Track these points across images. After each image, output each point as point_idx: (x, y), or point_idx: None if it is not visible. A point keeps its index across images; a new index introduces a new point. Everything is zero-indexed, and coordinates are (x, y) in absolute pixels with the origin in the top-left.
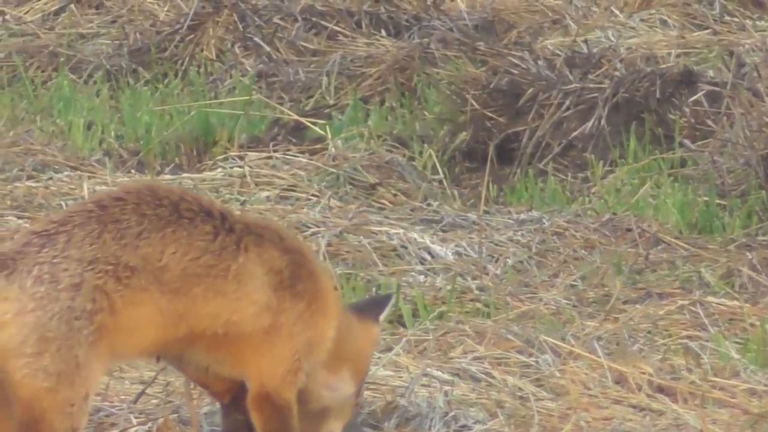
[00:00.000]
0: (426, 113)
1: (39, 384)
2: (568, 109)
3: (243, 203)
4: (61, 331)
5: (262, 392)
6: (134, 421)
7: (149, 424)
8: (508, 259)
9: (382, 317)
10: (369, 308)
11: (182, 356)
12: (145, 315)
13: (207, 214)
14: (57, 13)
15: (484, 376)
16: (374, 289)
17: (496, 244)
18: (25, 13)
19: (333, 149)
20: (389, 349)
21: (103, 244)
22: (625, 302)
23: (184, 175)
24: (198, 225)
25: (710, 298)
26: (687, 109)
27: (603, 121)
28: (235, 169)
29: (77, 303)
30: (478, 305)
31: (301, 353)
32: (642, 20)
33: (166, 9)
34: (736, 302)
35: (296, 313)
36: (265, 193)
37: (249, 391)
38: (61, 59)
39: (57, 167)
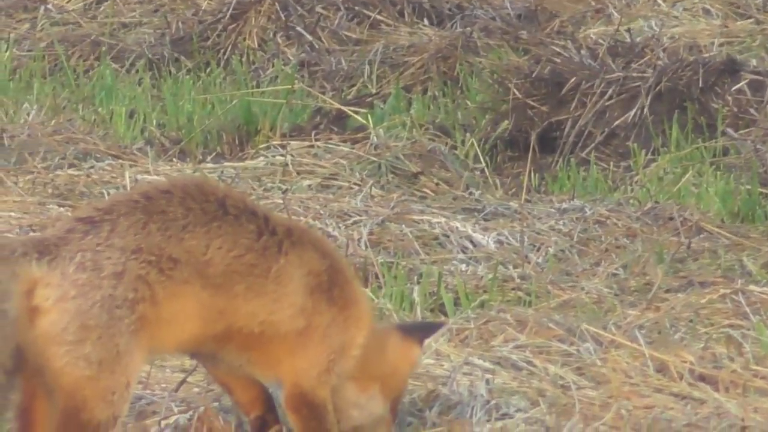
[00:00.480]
0: (468, 102)
1: (80, 372)
2: (610, 98)
3: (285, 192)
4: (102, 319)
5: (297, 392)
6: (175, 409)
7: (190, 413)
8: (549, 248)
9: (427, 341)
10: (416, 330)
11: (216, 355)
12: (186, 308)
13: (251, 213)
14: (99, 2)
15: (525, 364)
16: (416, 278)
17: (538, 233)
18: (67, 2)
19: (375, 138)
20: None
21: (147, 235)
22: (666, 291)
23: (226, 163)
24: (243, 223)
25: (752, 287)
26: (729, 98)
27: (646, 110)
28: (277, 157)
29: (119, 292)
30: (520, 294)
31: (335, 354)
32: (685, 9)
33: None
34: None
35: (330, 317)
36: (306, 182)
37: (283, 393)
38: (103, 48)
39: (99, 156)
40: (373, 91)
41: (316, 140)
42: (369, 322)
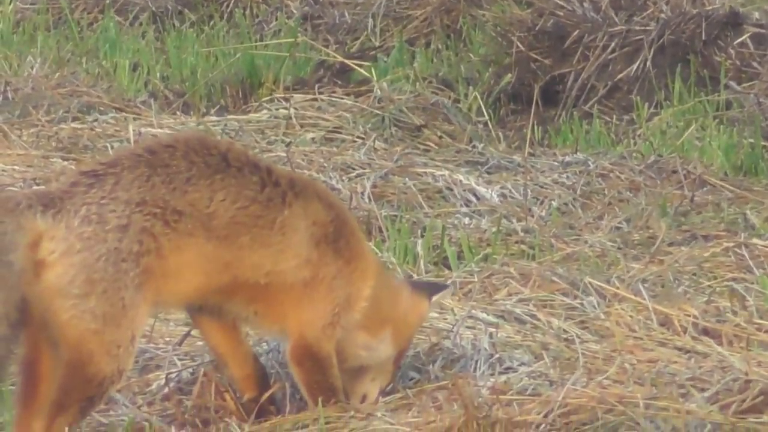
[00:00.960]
0: (471, 55)
1: (86, 326)
2: (613, 51)
3: (288, 145)
4: (107, 272)
5: (301, 343)
6: (179, 363)
7: (194, 367)
8: (553, 202)
9: (434, 298)
10: (425, 287)
11: (223, 307)
12: (191, 261)
13: (254, 166)
14: None
15: (529, 318)
16: (419, 231)
17: (541, 187)
18: None
19: (378, 91)
20: None
21: (152, 187)
22: (670, 244)
23: (230, 116)
24: (246, 175)
25: (755, 240)
26: (732, 51)
27: (648, 64)
28: (281, 111)
29: (124, 245)
30: (523, 247)
31: (340, 307)
32: None
33: None
34: None
35: (336, 268)
36: (310, 135)
37: (288, 346)
38: (107, 1)
39: (102, 109)
40: (377, 44)
41: (320, 93)
42: (375, 275)
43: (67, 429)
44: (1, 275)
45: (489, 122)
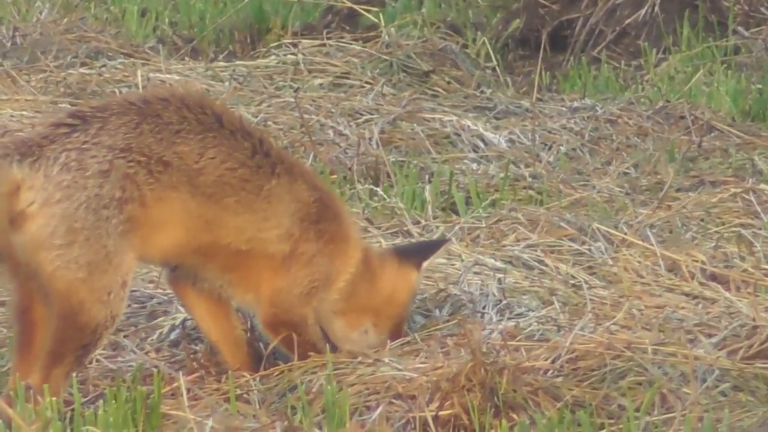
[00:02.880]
0: (479, 0)
1: (72, 275)
2: None
3: (296, 90)
4: (88, 220)
5: (272, 311)
6: (182, 311)
7: None
8: (561, 147)
9: (426, 263)
10: (414, 253)
11: (198, 273)
12: (173, 214)
13: (247, 132)
14: None
15: (536, 264)
16: (427, 177)
17: (549, 132)
18: None
19: (386, 37)
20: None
21: (139, 135)
22: (678, 190)
23: (238, 62)
24: (238, 139)
25: (763, 186)
26: None
27: (656, 9)
28: (289, 56)
29: (105, 191)
30: (531, 193)
31: (318, 282)
32: None
33: None
34: None
35: (317, 247)
36: (318, 81)
37: (260, 313)
38: None
39: (111, 54)
40: None
41: (328, 39)
42: (357, 262)
43: (61, 378)
44: None
45: (497, 68)
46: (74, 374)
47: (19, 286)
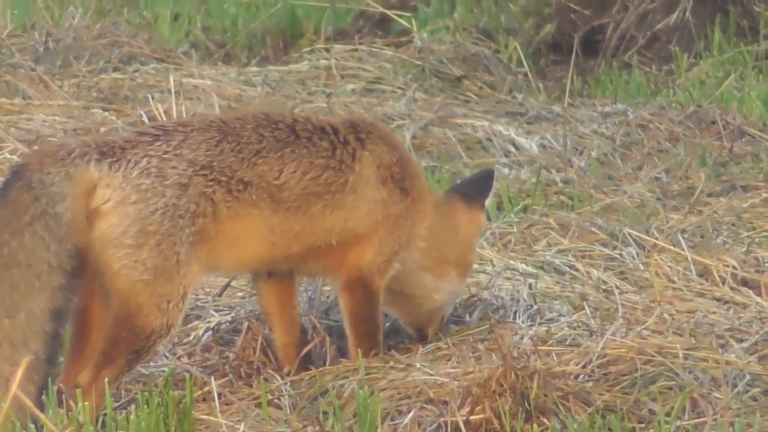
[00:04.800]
0: (511, 5)
1: (137, 276)
2: (652, 1)
3: (329, 96)
4: (163, 226)
5: (356, 275)
6: (217, 314)
7: (231, 314)
8: (592, 152)
9: (487, 202)
10: (476, 194)
11: (291, 270)
12: (252, 230)
13: (321, 131)
14: None
15: (568, 269)
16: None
17: (581, 137)
18: None
19: (419, 42)
20: None
21: (220, 153)
22: (709, 195)
23: (271, 67)
24: (316, 143)
25: None
26: None
27: (688, 13)
28: (321, 61)
29: (183, 202)
30: (563, 198)
31: (400, 246)
32: None
33: None
34: None
35: (404, 207)
36: (350, 86)
37: (343, 276)
38: None
39: (143, 59)
40: None
41: (360, 44)
42: (433, 215)
43: (110, 380)
44: (50, 227)
45: (529, 73)
46: (121, 379)
47: (82, 285)
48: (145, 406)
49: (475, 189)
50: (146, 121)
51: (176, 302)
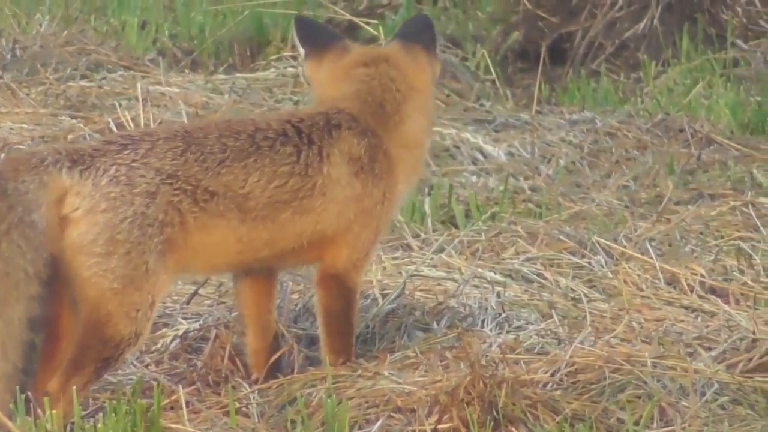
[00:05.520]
0: (479, 13)
1: (107, 285)
2: (621, 9)
3: (296, 104)
4: (132, 234)
5: (332, 272)
6: (185, 322)
7: (199, 322)
8: (560, 160)
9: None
10: (420, 41)
11: (262, 267)
12: (220, 240)
13: (284, 135)
14: None
15: (536, 277)
16: (426, 190)
17: (549, 145)
18: None
19: None
20: (441, 249)
21: (184, 162)
22: (677, 203)
23: (238, 75)
24: (279, 150)
25: (762, 199)
26: (740, 9)
27: (656, 21)
28: (288, 69)
29: (151, 211)
30: (531, 206)
31: (378, 234)
32: None
33: None
34: None
35: (378, 192)
36: None
37: (318, 272)
38: None
39: (111, 67)
40: (384, 2)
41: None
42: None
43: (79, 388)
44: (26, 235)
45: (496, 80)
46: (90, 387)
47: (52, 293)
48: (113, 415)
49: (416, 38)
50: (114, 128)
51: (145, 311)
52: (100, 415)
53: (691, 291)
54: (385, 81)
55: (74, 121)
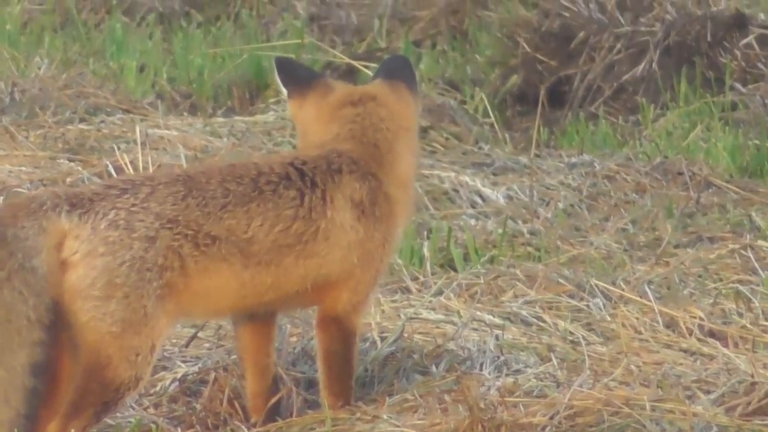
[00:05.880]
0: (477, 56)
1: (105, 328)
2: (619, 52)
3: (295, 147)
4: (130, 278)
5: (332, 315)
6: (184, 365)
7: (198, 365)
8: (559, 203)
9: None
10: (403, 79)
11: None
12: (222, 284)
13: (287, 179)
14: None
15: (534, 320)
16: (425, 233)
17: (547, 188)
18: None
19: None
20: (440, 292)
21: (185, 207)
22: (676, 246)
23: (237, 118)
24: (282, 193)
25: (761, 242)
26: (738, 53)
27: (654, 65)
28: (287, 112)
29: (150, 255)
30: (529, 249)
31: (378, 275)
32: None
33: None
34: None
35: (380, 235)
36: None
37: (318, 314)
38: (114, 2)
39: (109, 110)
40: (383, 45)
41: None
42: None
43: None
44: (27, 281)
45: (495, 123)
46: (92, 430)
47: (52, 337)
48: None
49: (399, 76)
50: (112, 171)
51: (145, 355)
52: None
53: (690, 334)
54: (375, 120)
55: (73, 164)
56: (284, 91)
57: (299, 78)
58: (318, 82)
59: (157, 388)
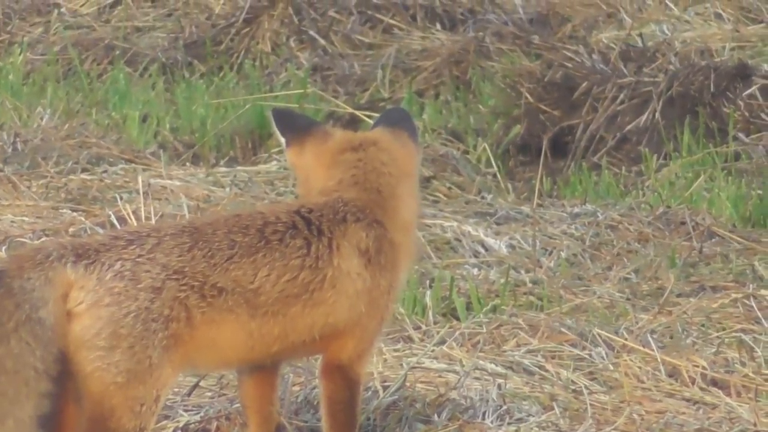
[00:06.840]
0: (480, 107)
1: (110, 379)
2: (622, 102)
3: (298, 197)
4: (136, 329)
5: (336, 363)
6: (186, 414)
7: (200, 414)
8: (561, 252)
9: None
10: (405, 128)
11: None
12: (230, 335)
13: (293, 228)
14: (112, 5)
15: (537, 369)
16: (428, 282)
17: (550, 237)
18: (81, 6)
19: None
20: (442, 341)
21: (191, 259)
22: (678, 295)
23: (239, 168)
24: (288, 243)
25: (764, 292)
26: (741, 103)
27: (657, 115)
28: (287, 161)
29: (155, 306)
30: (532, 298)
31: (382, 323)
32: (696, 14)
33: (221, 2)
34: None
35: (385, 286)
36: None
37: (322, 362)
38: (117, 52)
39: (112, 160)
40: (386, 95)
41: None
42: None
43: None
44: (35, 333)
45: (498, 173)
46: None
47: (59, 387)
48: None
49: (399, 127)
50: (115, 221)
51: (149, 405)
52: None
53: (693, 383)
54: (376, 165)
55: (75, 214)
56: (282, 139)
57: (297, 126)
58: (316, 129)
59: None
